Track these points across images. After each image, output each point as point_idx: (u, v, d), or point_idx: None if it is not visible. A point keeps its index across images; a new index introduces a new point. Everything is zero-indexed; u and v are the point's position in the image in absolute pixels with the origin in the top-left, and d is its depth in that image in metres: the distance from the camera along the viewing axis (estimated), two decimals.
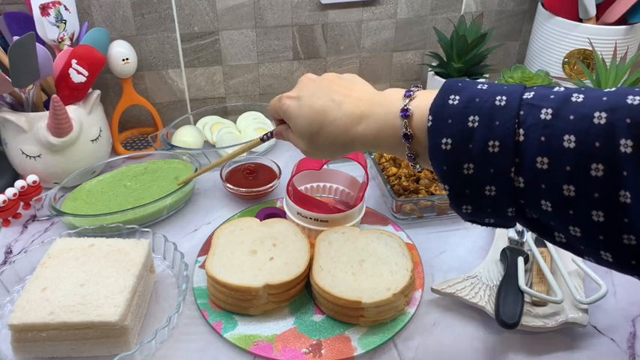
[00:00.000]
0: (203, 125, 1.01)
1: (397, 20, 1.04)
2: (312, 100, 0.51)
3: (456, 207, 0.43)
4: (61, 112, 0.78)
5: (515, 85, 0.41)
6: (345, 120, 0.49)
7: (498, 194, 0.39)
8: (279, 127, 0.59)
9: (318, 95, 0.51)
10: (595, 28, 0.91)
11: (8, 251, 0.77)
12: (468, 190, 0.41)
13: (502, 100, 0.39)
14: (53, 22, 0.83)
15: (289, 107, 0.53)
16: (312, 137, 0.51)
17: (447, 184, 0.42)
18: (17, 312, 0.58)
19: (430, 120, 0.41)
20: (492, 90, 0.40)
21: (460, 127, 0.40)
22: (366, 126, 0.48)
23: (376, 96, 0.49)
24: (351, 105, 0.49)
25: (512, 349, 0.63)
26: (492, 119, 0.39)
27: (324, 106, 0.50)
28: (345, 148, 0.50)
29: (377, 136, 0.47)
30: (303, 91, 0.52)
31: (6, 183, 0.86)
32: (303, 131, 0.51)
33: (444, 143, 0.40)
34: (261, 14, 0.98)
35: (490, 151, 0.38)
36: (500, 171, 0.38)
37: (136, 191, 0.83)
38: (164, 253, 0.74)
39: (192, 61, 1.00)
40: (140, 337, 0.63)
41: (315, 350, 0.61)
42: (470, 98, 0.40)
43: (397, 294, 0.63)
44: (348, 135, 0.49)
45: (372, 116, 0.47)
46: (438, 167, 0.41)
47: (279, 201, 0.85)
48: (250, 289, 0.63)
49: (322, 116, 0.50)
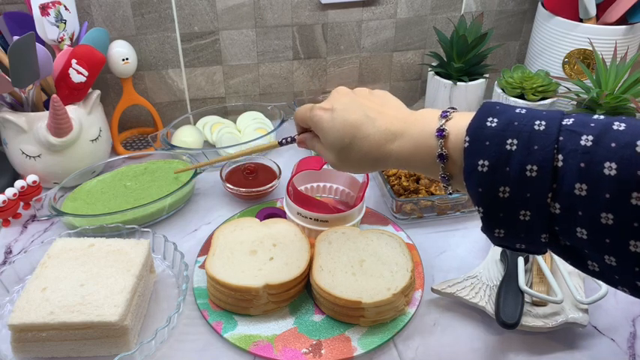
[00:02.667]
0: (203, 125, 1.01)
1: (397, 20, 1.04)
2: (345, 114, 0.50)
3: (488, 230, 0.42)
4: (61, 112, 0.78)
5: (554, 111, 0.41)
6: (378, 136, 0.49)
7: (533, 219, 0.39)
8: (304, 135, 0.59)
9: (351, 109, 0.50)
10: (595, 28, 0.91)
11: (8, 251, 0.77)
12: (502, 214, 0.40)
13: (541, 124, 0.39)
14: (53, 22, 0.83)
15: (321, 118, 0.52)
16: (342, 150, 0.51)
17: (482, 207, 0.41)
18: (17, 312, 0.58)
19: (467, 141, 0.41)
20: (531, 114, 0.40)
21: (498, 149, 0.40)
22: (400, 144, 0.48)
23: (411, 115, 0.49)
24: (385, 122, 0.49)
25: (512, 349, 0.63)
26: (531, 143, 0.38)
27: (357, 121, 0.50)
28: (376, 164, 0.50)
29: (411, 155, 0.47)
30: (337, 103, 0.52)
31: (6, 183, 0.86)
32: (334, 144, 0.51)
33: (481, 165, 0.40)
34: (261, 14, 0.98)
35: (527, 175, 0.38)
36: (536, 196, 0.38)
37: (136, 191, 0.83)
38: (164, 253, 0.74)
39: (192, 61, 1.00)
40: (140, 337, 0.63)
41: (315, 350, 0.61)
42: (508, 121, 0.40)
43: (397, 294, 0.63)
44: (381, 151, 0.49)
45: (407, 135, 0.47)
46: (473, 189, 0.41)
47: (279, 201, 0.85)
48: (250, 289, 0.63)
49: (355, 130, 0.49)
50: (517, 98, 0.89)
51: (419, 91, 1.15)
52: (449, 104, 0.98)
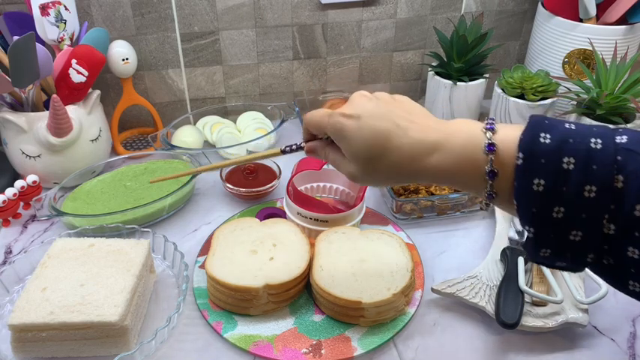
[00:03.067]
0: (203, 125, 1.01)
1: (397, 20, 1.04)
2: (373, 121, 0.46)
3: (534, 250, 0.41)
4: (61, 112, 0.78)
5: (602, 126, 0.40)
6: (412, 148, 0.44)
7: (584, 239, 0.38)
8: (314, 143, 0.54)
9: (379, 116, 0.46)
10: (595, 28, 0.91)
11: (8, 251, 0.77)
12: (553, 235, 0.39)
13: (597, 143, 0.38)
14: (53, 22, 0.83)
15: (345, 126, 0.47)
16: (370, 162, 0.46)
17: (533, 227, 0.39)
18: (17, 312, 0.58)
19: (520, 158, 0.39)
20: (583, 131, 0.39)
21: (554, 168, 0.38)
22: (440, 158, 0.44)
23: (446, 125, 0.45)
24: (419, 132, 0.45)
25: (512, 349, 0.63)
26: (589, 163, 0.37)
27: (388, 130, 0.45)
28: (409, 178, 0.46)
29: (452, 171, 0.43)
30: (360, 109, 0.47)
31: (6, 183, 0.86)
32: (361, 155, 0.46)
33: (536, 184, 0.38)
34: (261, 14, 0.98)
35: (586, 195, 0.37)
36: (592, 217, 0.37)
37: (136, 191, 0.83)
38: (164, 253, 0.74)
39: (192, 61, 1.00)
40: (140, 337, 0.63)
41: (315, 350, 0.61)
42: (563, 138, 0.38)
43: (397, 294, 0.63)
44: (416, 166, 0.44)
45: (447, 147, 0.43)
46: (525, 209, 0.39)
47: (279, 201, 0.85)
48: (250, 289, 0.63)
49: (386, 141, 0.45)
50: (517, 98, 0.89)
51: (419, 91, 1.15)
52: (449, 104, 0.98)
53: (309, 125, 0.53)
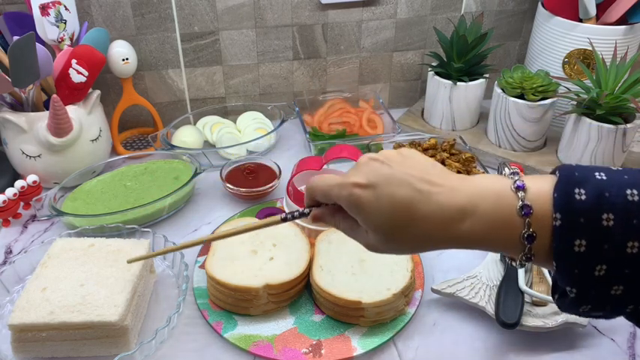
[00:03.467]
0: (203, 125, 1.01)
1: (397, 20, 1.04)
2: (391, 190, 0.42)
3: (573, 307, 0.39)
4: (61, 112, 0.78)
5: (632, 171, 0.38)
6: (440, 216, 0.41)
7: (625, 293, 0.37)
8: (321, 211, 0.49)
9: (396, 183, 0.42)
10: (595, 28, 0.90)
11: (8, 251, 0.77)
12: (594, 291, 0.38)
13: (634, 194, 0.36)
14: (53, 22, 0.83)
15: (362, 199, 0.43)
16: (394, 234, 0.43)
17: (575, 288, 0.38)
18: (17, 312, 0.58)
19: (558, 218, 0.37)
20: (617, 181, 0.38)
21: (594, 226, 0.36)
22: (472, 224, 0.41)
23: (468, 183, 0.42)
24: (444, 196, 0.41)
25: (513, 349, 0.63)
26: (629, 217, 0.36)
27: (409, 198, 0.41)
28: (439, 246, 0.43)
29: (487, 236, 0.41)
30: (374, 176, 0.43)
31: (6, 183, 0.86)
32: (383, 227, 0.43)
33: (578, 245, 0.36)
34: (261, 14, 0.98)
35: (628, 252, 0.36)
36: (635, 271, 0.36)
37: (136, 191, 0.83)
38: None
39: (192, 61, 1.00)
40: (140, 337, 0.63)
41: (315, 350, 0.61)
42: (599, 192, 0.37)
43: (397, 294, 0.63)
44: (448, 234, 0.41)
45: (478, 212, 0.40)
46: (567, 270, 0.37)
47: (279, 201, 0.85)
48: (250, 289, 0.63)
49: (409, 211, 0.41)
50: (517, 98, 0.89)
51: (419, 91, 1.15)
52: (449, 104, 0.98)
53: (316, 194, 0.48)
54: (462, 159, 0.87)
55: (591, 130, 0.84)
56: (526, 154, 0.94)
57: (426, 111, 1.04)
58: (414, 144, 0.91)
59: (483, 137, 0.99)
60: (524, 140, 0.93)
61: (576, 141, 0.87)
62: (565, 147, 0.90)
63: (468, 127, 1.02)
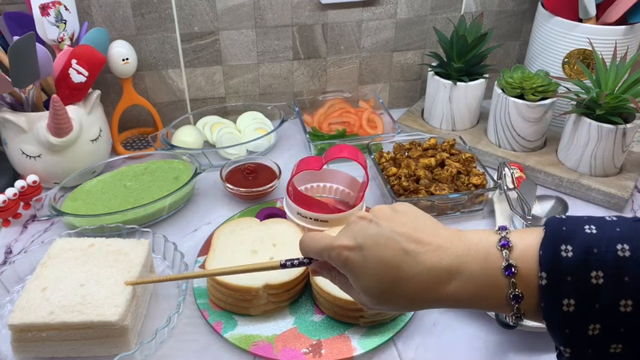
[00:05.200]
0: (203, 125, 1.01)
1: (397, 20, 1.04)
2: (378, 251, 0.42)
3: None
4: (61, 112, 0.78)
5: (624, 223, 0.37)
6: (427, 277, 0.41)
7: (626, 351, 0.36)
8: (317, 265, 0.50)
9: (383, 243, 0.42)
10: (595, 28, 0.91)
11: (8, 251, 0.77)
12: (591, 350, 0.36)
13: (625, 249, 0.35)
14: (53, 22, 0.83)
15: (349, 260, 0.43)
16: (382, 295, 0.42)
17: (569, 347, 0.37)
18: (17, 312, 0.58)
19: (544, 277, 0.36)
20: (607, 235, 0.36)
21: (582, 285, 0.35)
22: (458, 285, 0.40)
23: (457, 241, 0.42)
24: (430, 257, 0.41)
25: (512, 349, 0.63)
26: (620, 275, 0.35)
27: (395, 259, 0.41)
28: (429, 305, 0.43)
29: (473, 297, 0.40)
30: (361, 237, 0.43)
31: (6, 183, 0.86)
32: (371, 288, 0.43)
33: (566, 304, 0.36)
34: (261, 14, 0.98)
35: (622, 310, 0.35)
36: (633, 329, 0.35)
37: (136, 191, 0.83)
38: (164, 253, 0.74)
39: (192, 61, 1.00)
40: (140, 337, 0.63)
41: (315, 350, 0.61)
42: (586, 249, 0.36)
43: None
44: (435, 295, 0.41)
45: (465, 273, 0.40)
46: (558, 329, 0.37)
47: (279, 201, 0.85)
48: (250, 289, 0.63)
49: (395, 272, 0.41)
50: (517, 98, 0.89)
51: (419, 92, 1.15)
52: (449, 104, 0.98)
53: (309, 253, 0.49)
54: (461, 159, 0.87)
55: (591, 130, 0.84)
56: (526, 154, 0.94)
57: (426, 111, 1.04)
58: (413, 144, 0.91)
59: (483, 137, 0.99)
60: (524, 140, 0.93)
61: (576, 141, 0.87)
62: (565, 147, 0.90)
63: (468, 127, 1.02)
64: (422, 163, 0.85)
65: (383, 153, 0.89)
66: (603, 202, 0.86)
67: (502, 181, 0.83)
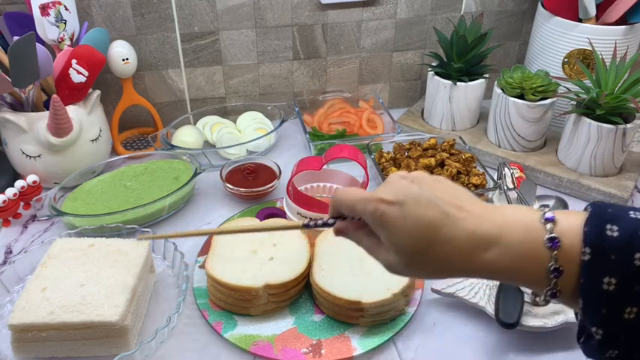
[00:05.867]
0: (203, 125, 1.01)
1: (397, 20, 1.04)
2: (418, 211, 0.41)
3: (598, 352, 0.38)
4: (61, 112, 0.78)
5: None
6: (465, 242, 0.40)
7: None
8: (345, 224, 0.48)
9: (424, 204, 0.41)
10: (595, 28, 0.91)
11: (8, 251, 0.77)
12: (624, 336, 0.36)
13: None
14: (53, 22, 0.83)
15: (387, 215, 0.42)
16: (415, 256, 0.42)
17: (602, 329, 0.36)
18: (17, 312, 0.58)
19: (587, 253, 0.36)
20: None
21: (626, 265, 0.35)
22: (496, 254, 0.39)
23: (498, 213, 0.41)
24: (471, 223, 0.40)
25: (512, 349, 0.63)
26: None
27: (436, 220, 0.40)
28: (461, 274, 0.42)
29: (511, 268, 0.39)
30: (402, 195, 0.42)
31: (6, 183, 0.86)
32: (405, 247, 0.42)
33: (607, 283, 0.35)
34: (261, 14, 0.98)
35: None
36: None
37: (136, 191, 0.83)
38: (164, 253, 0.74)
39: (192, 61, 1.00)
40: (140, 337, 0.63)
41: (315, 350, 0.61)
42: (632, 231, 0.36)
43: (397, 294, 0.63)
44: (470, 262, 0.40)
45: (504, 242, 0.39)
46: (594, 309, 0.36)
47: (279, 201, 0.85)
48: (250, 289, 0.63)
49: (434, 233, 0.40)
50: (517, 98, 0.89)
51: (419, 92, 1.15)
52: (449, 104, 0.98)
53: (341, 207, 0.47)
54: (461, 159, 0.87)
55: (591, 130, 0.84)
56: (526, 154, 0.94)
57: (426, 111, 1.04)
58: (413, 144, 0.91)
59: (483, 137, 0.99)
60: (523, 140, 0.93)
61: (576, 141, 0.87)
62: (565, 147, 0.90)
63: (468, 127, 1.02)
64: (422, 163, 0.85)
65: (383, 153, 0.89)
66: None
67: (502, 181, 0.83)
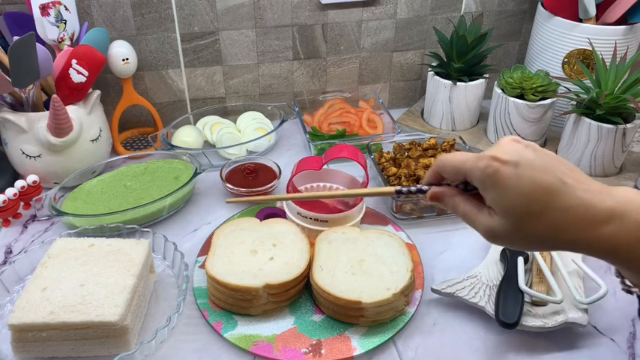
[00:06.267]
0: (203, 125, 1.01)
1: (397, 20, 1.04)
2: (533, 173, 0.39)
3: None
4: (61, 112, 0.78)
5: None
6: (583, 212, 0.38)
7: None
8: (443, 189, 0.46)
9: (540, 168, 0.40)
10: (595, 28, 0.91)
11: (8, 251, 0.77)
12: None
13: None
14: (53, 22, 0.83)
15: (500, 173, 0.40)
16: (524, 220, 0.40)
17: None
18: (17, 312, 0.58)
19: None
20: None
21: None
22: (617, 229, 0.38)
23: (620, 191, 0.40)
24: (590, 194, 0.39)
25: (512, 349, 0.63)
26: None
27: (552, 185, 0.39)
28: (569, 246, 0.40)
29: (628, 246, 0.38)
30: (517, 156, 0.40)
31: (6, 183, 0.86)
32: (516, 209, 0.40)
33: None
34: (261, 14, 0.98)
35: None
36: None
37: (136, 191, 0.83)
38: (164, 253, 0.74)
39: (192, 61, 1.00)
40: (140, 337, 0.63)
41: (315, 350, 0.61)
42: None
43: (397, 294, 0.63)
44: (586, 234, 0.38)
45: (627, 219, 0.38)
46: None
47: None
48: (250, 289, 0.63)
49: (549, 198, 0.39)
50: (517, 98, 0.89)
51: (419, 91, 1.15)
52: (449, 104, 0.98)
53: (444, 168, 0.45)
54: None
55: (591, 130, 0.84)
56: None
57: (426, 111, 1.04)
58: (413, 144, 0.91)
59: (483, 137, 0.99)
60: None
61: (576, 141, 0.87)
62: (565, 147, 0.90)
63: (468, 127, 1.02)
64: (422, 163, 0.85)
65: (383, 153, 0.89)
66: None
67: None
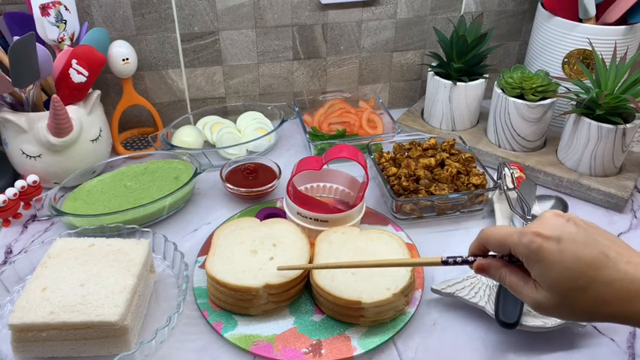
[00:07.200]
0: (203, 125, 1.01)
1: (397, 20, 1.04)
2: (576, 248, 0.40)
3: None
4: (61, 112, 0.78)
5: None
6: (628, 285, 0.39)
7: None
8: (487, 261, 0.48)
9: (582, 242, 0.40)
10: (595, 28, 0.91)
11: (8, 251, 0.77)
12: None
13: None
14: (53, 22, 0.83)
15: (544, 249, 0.41)
16: (569, 294, 0.40)
17: None
18: (17, 312, 0.58)
19: None
20: None
21: None
22: None
23: None
24: (634, 268, 0.39)
25: (512, 349, 0.63)
26: None
27: (595, 260, 0.40)
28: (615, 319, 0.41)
29: None
30: (559, 231, 0.41)
31: (6, 183, 0.86)
32: (560, 284, 0.40)
33: None
34: (261, 14, 0.98)
35: None
36: None
37: (136, 191, 0.83)
38: (164, 253, 0.74)
39: (192, 61, 1.00)
40: (140, 337, 0.63)
41: (315, 350, 0.61)
42: None
43: (397, 294, 0.63)
44: (629, 308, 0.39)
45: None
46: None
47: (279, 201, 0.85)
48: (250, 289, 0.63)
49: (593, 272, 0.39)
50: (517, 98, 0.89)
51: (419, 91, 1.15)
52: (449, 104, 0.98)
53: (488, 241, 0.47)
54: (461, 159, 0.87)
55: (591, 130, 0.84)
56: (526, 154, 0.94)
57: (426, 111, 1.04)
58: (413, 144, 0.91)
59: (483, 137, 0.99)
60: (523, 140, 0.93)
61: (576, 141, 0.87)
62: (565, 147, 0.90)
63: (468, 127, 1.02)
64: (422, 163, 0.85)
65: (383, 153, 0.89)
66: (603, 202, 0.86)
67: (502, 181, 0.83)
